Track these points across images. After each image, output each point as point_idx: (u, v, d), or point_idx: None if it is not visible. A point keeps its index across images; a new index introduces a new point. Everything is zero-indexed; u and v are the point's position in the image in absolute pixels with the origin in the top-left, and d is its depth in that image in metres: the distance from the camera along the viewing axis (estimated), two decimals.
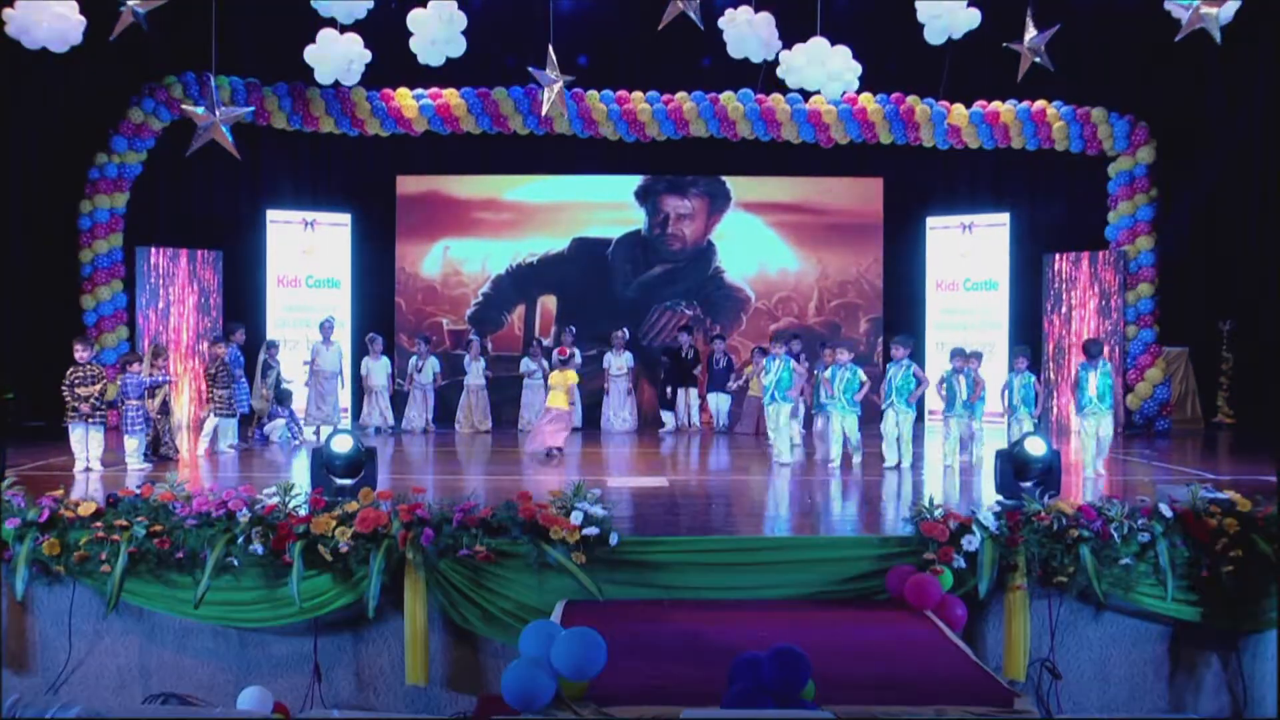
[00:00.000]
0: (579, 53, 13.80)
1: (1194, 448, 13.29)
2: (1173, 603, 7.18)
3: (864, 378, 11.49)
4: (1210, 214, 14.86)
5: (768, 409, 11.86)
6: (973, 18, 8.96)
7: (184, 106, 9.96)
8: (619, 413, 15.13)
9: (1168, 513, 7.31)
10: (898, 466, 11.08)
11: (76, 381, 10.34)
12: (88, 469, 10.27)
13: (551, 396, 12.47)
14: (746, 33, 8.99)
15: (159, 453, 11.21)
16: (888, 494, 9.72)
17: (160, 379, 11.37)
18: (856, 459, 11.32)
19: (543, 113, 10.21)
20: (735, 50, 9.09)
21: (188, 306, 14.43)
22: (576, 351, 13.92)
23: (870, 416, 12.29)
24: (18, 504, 7.29)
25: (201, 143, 9.43)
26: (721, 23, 9.12)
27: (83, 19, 8.16)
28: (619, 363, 15.05)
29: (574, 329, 15.01)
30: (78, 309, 14.11)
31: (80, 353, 10.52)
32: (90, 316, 14.15)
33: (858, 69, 9.34)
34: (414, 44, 9.02)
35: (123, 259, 14.36)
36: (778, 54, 9.53)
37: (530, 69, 9.71)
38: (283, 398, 13.41)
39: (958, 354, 11.56)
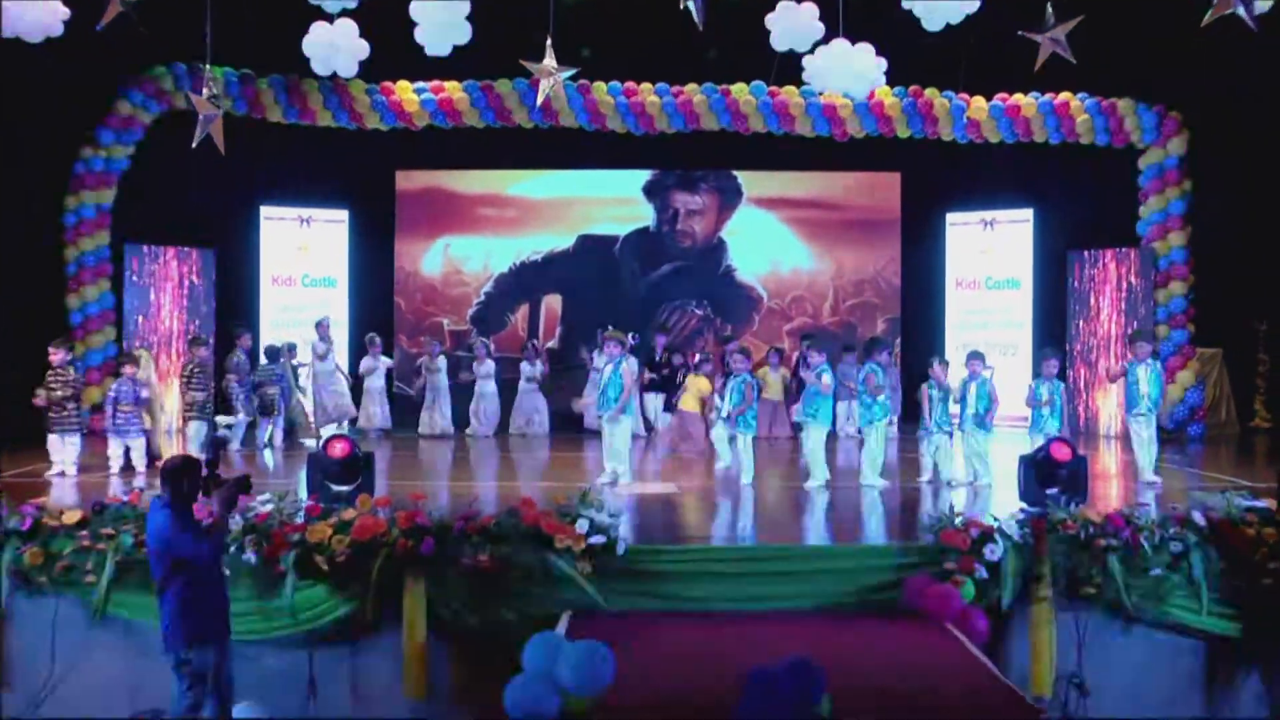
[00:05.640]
0: (584, 44, 13.49)
1: (1229, 453, 13.01)
2: (1208, 616, 7.00)
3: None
4: (1246, 208, 14.44)
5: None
6: (969, 4, 8.64)
7: (190, 95, 9.80)
8: None
9: (1201, 521, 7.13)
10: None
11: (50, 387, 10.21)
12: (62, 474, 10.18)
13: (684, 399, 12.42)
14: (793, 24, 8.77)
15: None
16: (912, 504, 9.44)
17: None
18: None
19: (536, 103, 10.13)
20: (780, 43, 8.92)
21: (179, 307, 14.16)
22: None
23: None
24: None
25: (204, 133, 9.28)
26: (770, 19, 8.95)
27: (67, 10, 8.12)
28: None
29: (609, 327, 14.58)
30: (62, 309, 13.75)
31: (54, 355, 10.37)
32: (76, 317, 13.77)
33: (883, 65, 9.14)
34: (419, 34, 8.88)
35: (110, 257, 14.03)
36: (803, 54, 9.33)
37: (523, 62, 9.52)
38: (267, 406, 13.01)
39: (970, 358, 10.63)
